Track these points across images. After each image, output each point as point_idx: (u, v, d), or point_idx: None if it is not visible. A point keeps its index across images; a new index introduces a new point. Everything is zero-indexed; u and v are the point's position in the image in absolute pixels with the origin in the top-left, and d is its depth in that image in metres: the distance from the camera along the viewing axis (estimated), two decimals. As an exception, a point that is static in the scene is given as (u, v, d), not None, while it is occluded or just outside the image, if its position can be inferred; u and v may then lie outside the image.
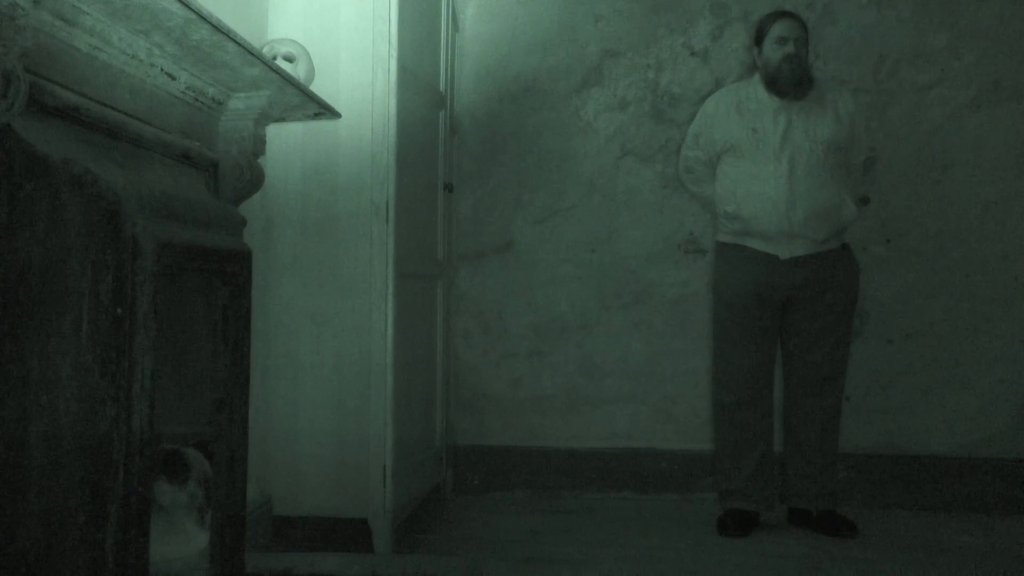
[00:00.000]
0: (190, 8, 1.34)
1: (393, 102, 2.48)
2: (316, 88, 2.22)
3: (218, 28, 1.44)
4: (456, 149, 3.35)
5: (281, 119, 2.05)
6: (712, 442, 3.14)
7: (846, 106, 2.83)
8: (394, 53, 2.48)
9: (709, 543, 2.73)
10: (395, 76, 2.48)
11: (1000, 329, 3.22)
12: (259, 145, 1.90)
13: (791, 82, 2.75)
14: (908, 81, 3.27)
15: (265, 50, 2.25)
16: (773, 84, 2.78)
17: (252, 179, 1.87)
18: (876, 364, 3.25)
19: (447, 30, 3.07)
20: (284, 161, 2.56)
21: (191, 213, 1.46)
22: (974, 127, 3.25)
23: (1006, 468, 3.16)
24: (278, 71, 1.74)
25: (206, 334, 1.60)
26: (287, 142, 2.55)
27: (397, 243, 2.51)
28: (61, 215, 1.19)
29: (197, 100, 1.71)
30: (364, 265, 2.52)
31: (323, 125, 2.50)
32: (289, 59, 2.26)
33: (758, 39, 2.85)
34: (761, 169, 2.77)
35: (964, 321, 3.24)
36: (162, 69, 1.55)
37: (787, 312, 2.84)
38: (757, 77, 2.86)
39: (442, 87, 3.05)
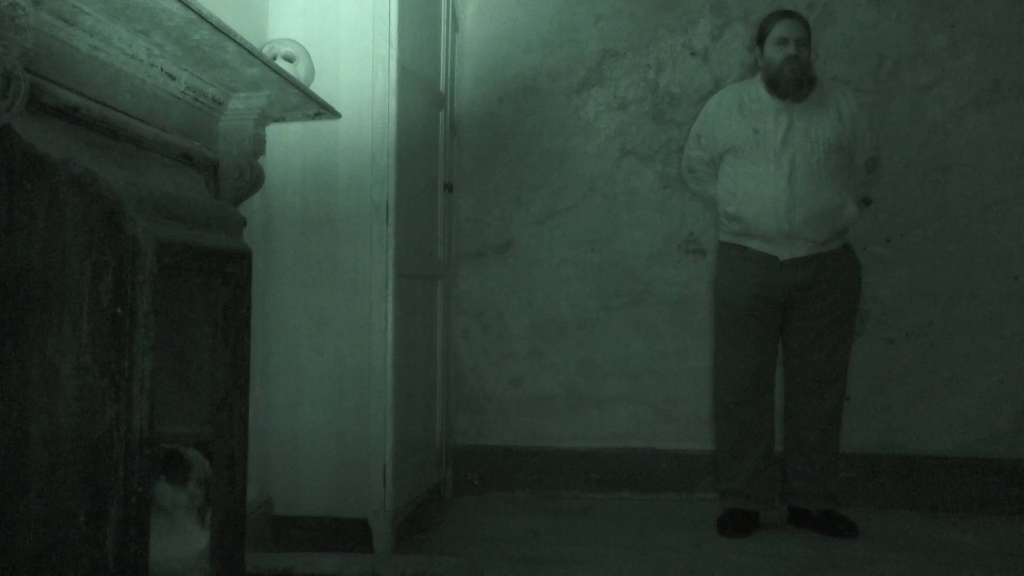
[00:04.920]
0: (190, 8, 1.34)
1: (393, 102, 2.48)
2: (316, 88, 2.22)
3: (218, 28, 1.44)
4: (456, 149, 3.35)
5: (281, 119, 2.05)
6: (712, 442, 3.14)
7: (848, 106, 2.82)
8: (394, 53, 2.48)
9: (709, 543, 2.73)
10: (395, 76, 2.48)
11: (1000, 329, 3.22)
12: (259, 145, 1.90)
13: (792, 84, 2.74)
14: (908, 81, 3.27)
15: (265, 50, 2.25)
16: (774, 85, 2.78)
17: (252, 179, 1.87)
18: (876, 364, 3.25)
19: (447, 30, 3.07)
20: (284, 161, 2.56)
21: (191, 213, 1.46)
22: (974, 127, 3.25)
23: (1006, 468, 3.16)
24: (278, 71, 1.74)
25: (206, 334, 1.60)
26: (287, 142, 2.55)
27: (397, 243, 2.51)
28: (61, 215, 1.19)
29: (197, 100, 1.71)
30: (364, 265, 2.52)
31: (323, 125, 2.50)
32: (289, 59, 2.26)
33: (760, 39, 2.85)
34: (762, 170, 2.77)
35: (964, 321, 3.23)
36: (162, 69, 1.55)
37: (788, 312, 2.84)
38: (759, 77, 2.86)
39: (442, 87, 3.05)
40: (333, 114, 2.11)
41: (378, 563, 2.21)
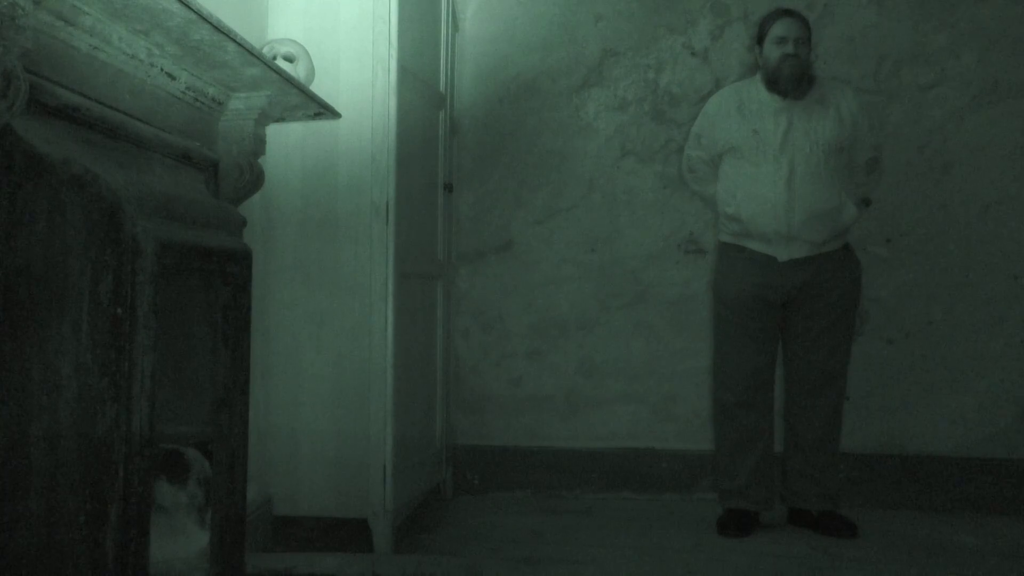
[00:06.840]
0: (190, 8, 1.34)
1: (393, 102, 2.48)
2: (316, 88, 2.22)
3: (218, 28, 1.44)
4: (456, 149, 3.35)
5: (281, 119, 2.06)
6: (712, 442, 3.14)
7: (848, 106, 2.81)
8: (394, 53, 2.48)
9: (709, 543, 2.73)
10: (395, 76, 2.48)
11: (1000, 329, 3.22)
12: (259, 145, 1.90)
13: (790, 81, 2.74)
14: (908, 81, 3.27)
15: (265, 50, 2.25)
16: (773, 84, 2.78)
17: (252, 179, 1.87)
18: (876, 364, 3.25)
19: (447, 30, 3.07)
20: (284, 161, 2.56)
21: (191, 213, 1.46)
22: (974, 127, 3.25)
23: (1006, 468, 3.16)
24: (278, 71, 1.74)
25: (206, 334, 1.60)
26: (287, 142, 2.55)
27: (397, 243, 2.51)
28: (61, 215, 1.19)
29: (197, 100, 1.71)
30: (364, 265, 2.52)
31: (323, 125, 2.50)
32: (289, 59, 2.26)
33: (759, 38, 2.85)
34: (761, 170, 2.76)
35: (964, 321, 3.23)
36: (162, 69, 1.55)
37: (788, 312, 2.84)
38: (759, 77, 2.85)
39: (442, 87, 3.05)
40: (333, 114, 2.11)
41: (378, 563, 2.21)
